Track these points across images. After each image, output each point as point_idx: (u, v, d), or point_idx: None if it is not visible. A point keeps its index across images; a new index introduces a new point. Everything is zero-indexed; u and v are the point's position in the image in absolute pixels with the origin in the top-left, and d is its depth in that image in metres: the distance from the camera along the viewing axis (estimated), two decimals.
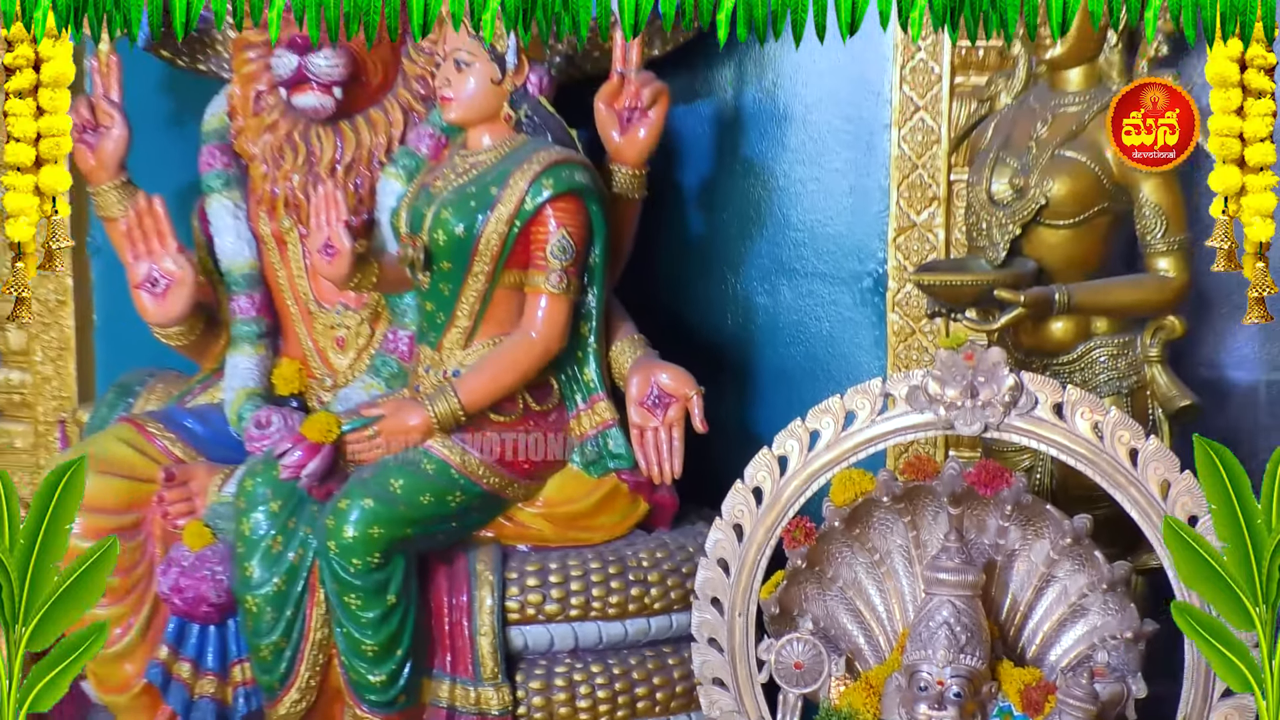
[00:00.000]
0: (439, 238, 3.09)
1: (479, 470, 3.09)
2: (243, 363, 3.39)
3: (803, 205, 3.72)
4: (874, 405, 2.81)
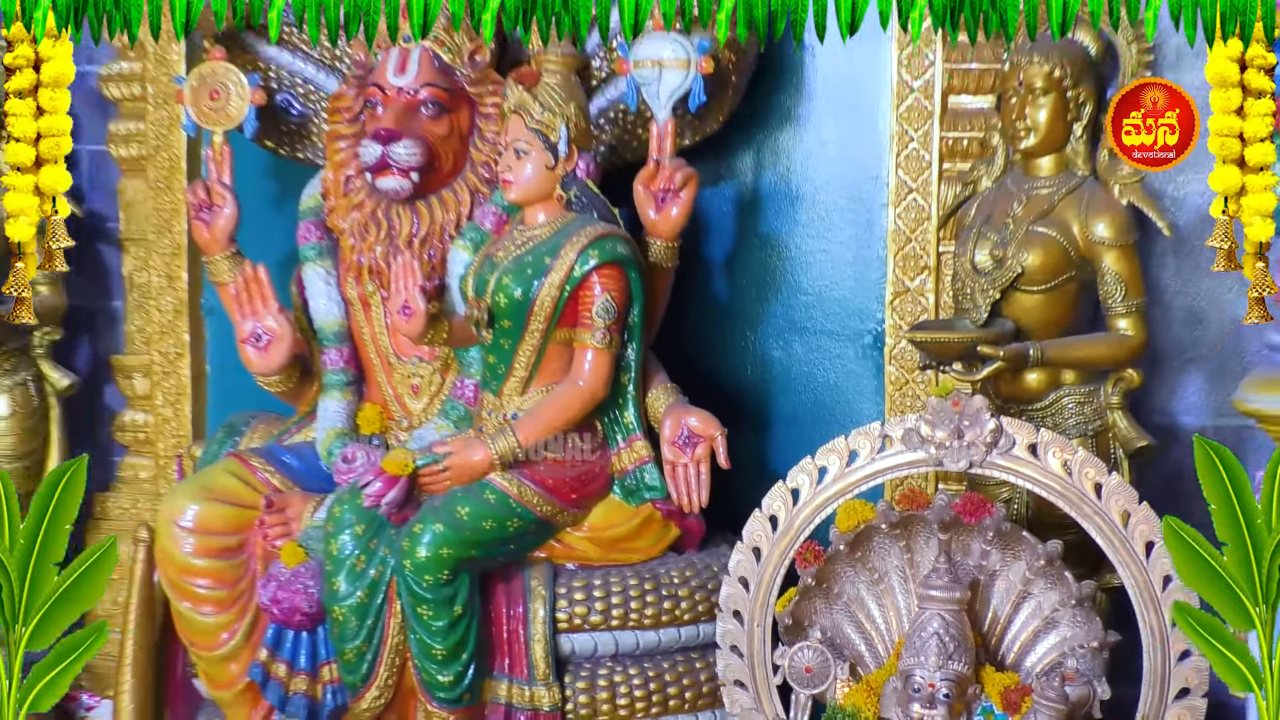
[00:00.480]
0: (500, 300, 3.10)
1: (534, 500, 3.08)
2: (332, 406, 3.39)
3: (812, 273, 3.72)
4: (874, 445, 2.81)
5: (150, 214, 4.00)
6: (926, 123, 3.49)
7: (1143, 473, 3.16)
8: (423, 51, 3.28)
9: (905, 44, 3.49)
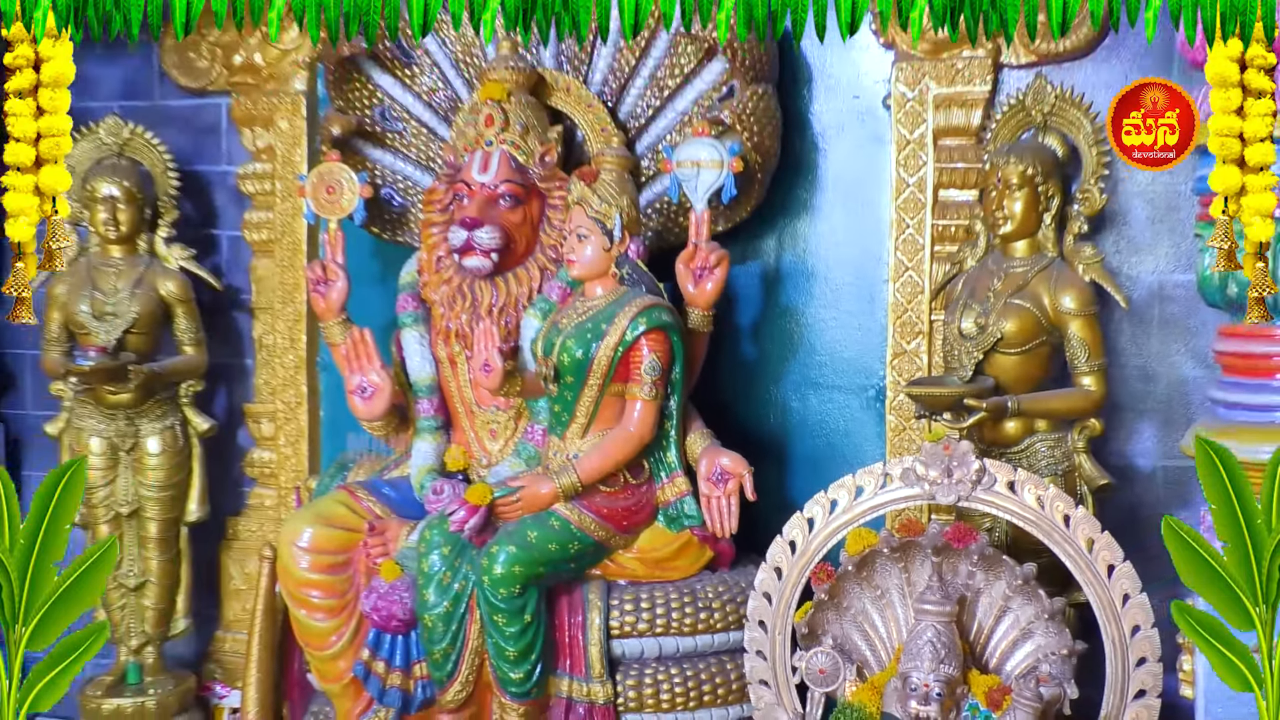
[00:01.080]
0: (564, 360, 3.11)
1: (591, 526, 3.08)
2: (424, 447, 3.39)
3: (824, 337, 3.71)
4: (877, 482, 2.80)
5: (276, 287, 4.05)
6: (920, 212, 3.49)
7: (1104, 506, 3.13)
8: (501, 154, 3.31)
9: (904, 146, 3.50)
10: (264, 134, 4.03)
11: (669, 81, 3.55)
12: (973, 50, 3.42)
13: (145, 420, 3.91)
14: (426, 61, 3.68)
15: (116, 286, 3.86)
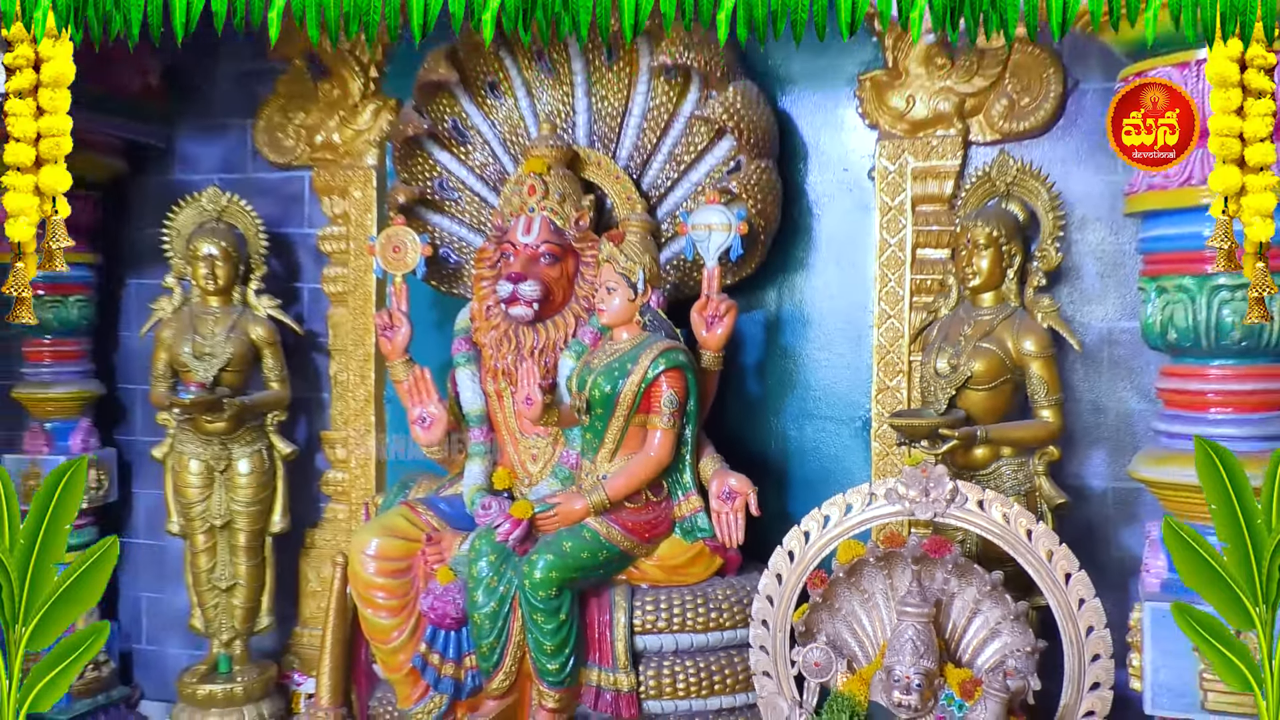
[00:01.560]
0: (595, 394, 3.12)
1: (618, 538, 3.08)
2: (475, 469, 3.40)
3: (818, 375, 3.71)
4: (864, 500, 2.80)
5: (349, 332, 4.07)
6: (900, 268, 3.50)
7: (1062, 522, 3.11)
8: (542, 219, 3.33)
9: (886, 212, 3.51)
10: (340, 202, 4.07)
11: (685, 157, 3.58)
12: (946, 130, 3.45)
13: (237, 445, 3.93)
14: (478, 140, 3.73)
15: (214, 331, 3.90)
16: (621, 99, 3.61)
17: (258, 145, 4.19)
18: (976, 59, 3.41)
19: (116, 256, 4.40)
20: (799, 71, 3.69)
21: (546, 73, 3.64)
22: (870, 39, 3.57)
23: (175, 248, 4.03)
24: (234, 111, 4.28)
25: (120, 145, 4.19)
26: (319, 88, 4.07)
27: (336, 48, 3.97)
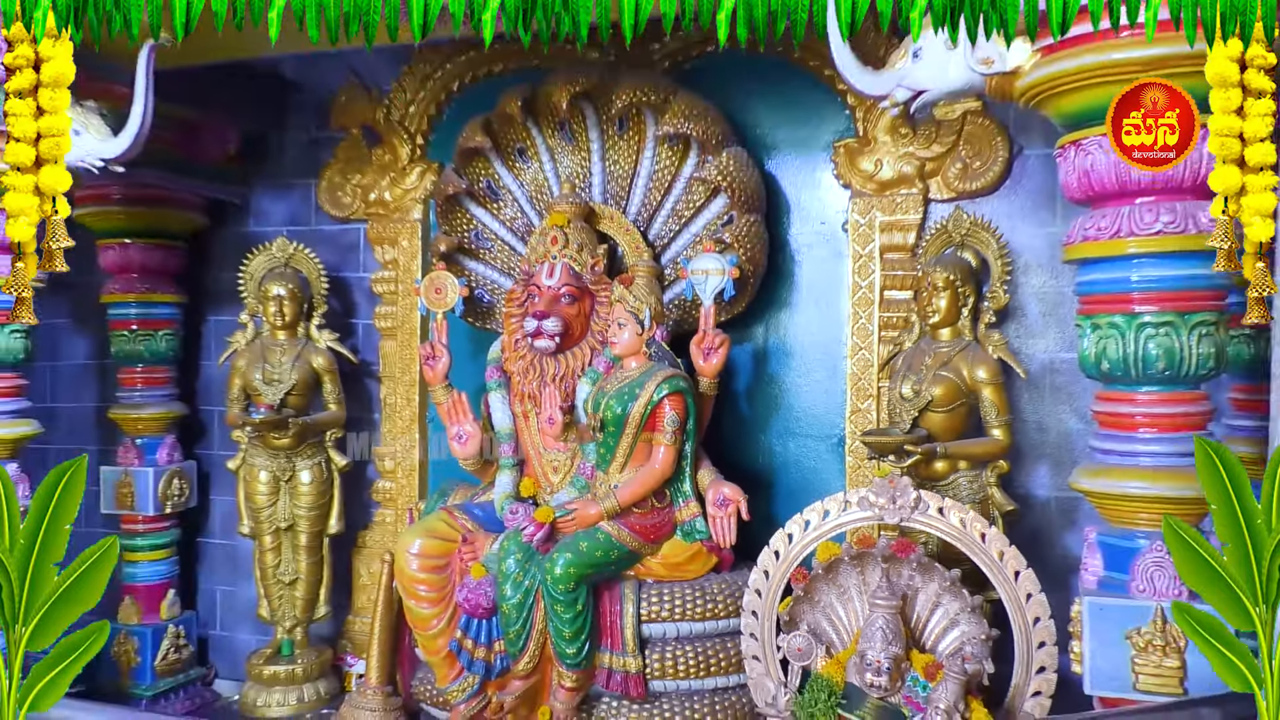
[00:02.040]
0: (608, 415, 3.12)
1: (627, 539, 3.07)
2: (504, 479, 3.39)
3: (799, 399, 3.70)
4: (840, 507, 2.77)
5: (397, 361, 4.07)
6: (870, 307, 3.50)
7: (1011, 527, 3.09)
8: (563, 264, 3.34)
9: (858, 259, 3.52)
10: (390, 250, 4.09)
11: (685, 212, 3.59)
12: (909, 189, 3.46)
13: (300, 458, 3.93)
14: (509, 198, 3.75)
15: (281, 360, 3.91)
16: (631, 163, 3.63)
17: (320, 202, 4.22)
18: (935, 128, 3.43)
19: (199, 297, 4.42)
20: (783, 139, 3.71)
21: (567, 140, 3.66)
22: (843, 110, 3.60)
23: (249, 289, 4.05)
24: (300, 173, 4.31)
25: (203, 203, 4.24)
26: (373, 153, 4.10)
27: (389, 119, 4.01)
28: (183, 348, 4.33)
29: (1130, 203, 2.40)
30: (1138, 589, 2.41)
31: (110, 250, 4.12)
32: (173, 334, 4.24)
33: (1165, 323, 2.41)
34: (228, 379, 3.98)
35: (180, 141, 4.00)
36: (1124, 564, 2.45)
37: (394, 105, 4.02)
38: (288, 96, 4.28)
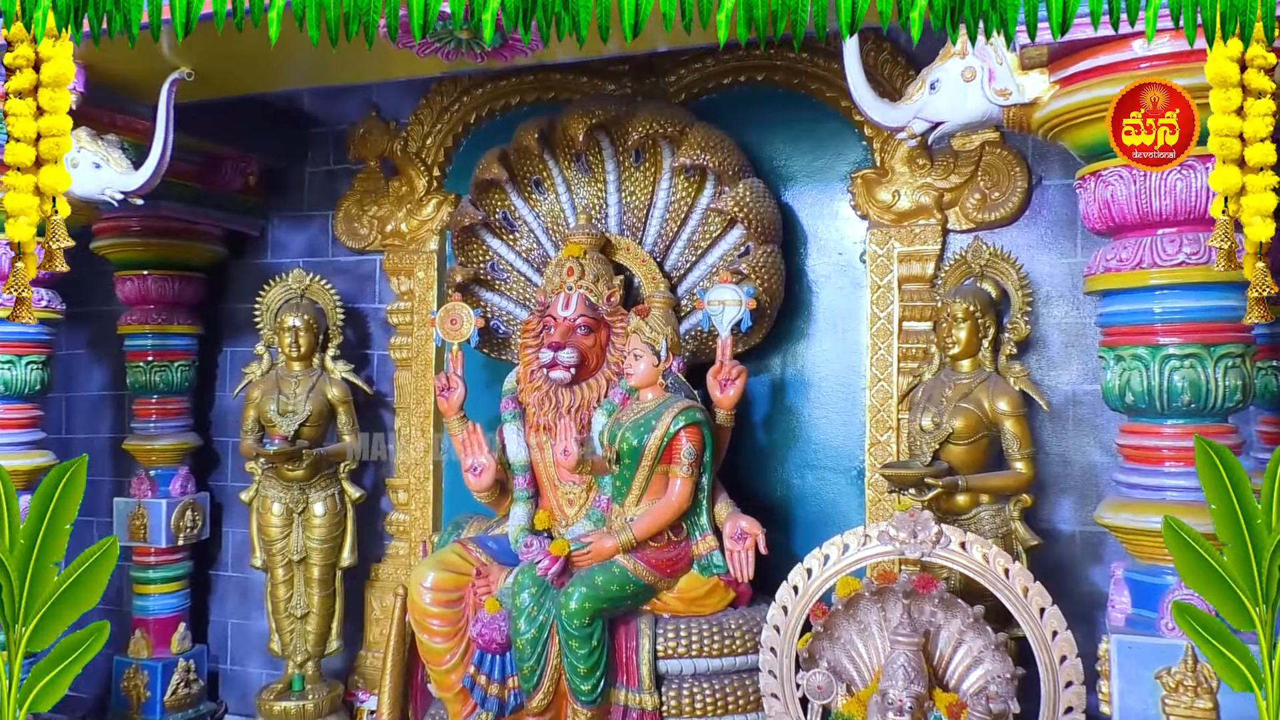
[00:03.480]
0: (624, 447, 3.11)
1: (643, 573, 3.05)
2: (519, 512, 3.38)
3: (818, 431, 3.68)
4: (860, 541, 2.76)
5: (412, 392, 4.08)
6: (889, 338, 3.50)
7: (1035, 562, 3.06)
8: (579, 295, 3.35)
9: (876, 290, 3.52)
10: (406, 281, 4.12)
11: (701, 243, 3.61)
12: (927, 220, 3.47)
13: (313, 490, 3.94)
14: (525, 229, 3.78)
15: (296, 391, 3.94)
16: (647, 194, 3.66)
17: (337, 234, 4.26)
18: (953, 159, 3.44)
19: (215, 328, 4.47)
20: (799, 170, 3.73)
21: (583, 172, 3.69)
22: (860, 141, 3.61)
23: (265, 320, 4.09)
24: (318, 205, 4.37)
25: (221, 234, 4.30)
26: (390, 185, 4.15)
27: (406, 150, 4.06)
28: (198, 378, 4.36)
29: (1152, 233, 2.39)
30: (1167, 627, 2.37)
31: (128, 282, 4.17)
32: (188, 365, 4.28)
33: (1190, 355, 2.39)
34: (242, 410, 4.00)
35: (200, 174, 4.07)
36: (1153, 601, 2.41)
37: (411, 137, 4.08)
38: (306, 129, 4.35)
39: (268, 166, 4.32)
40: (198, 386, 4.38)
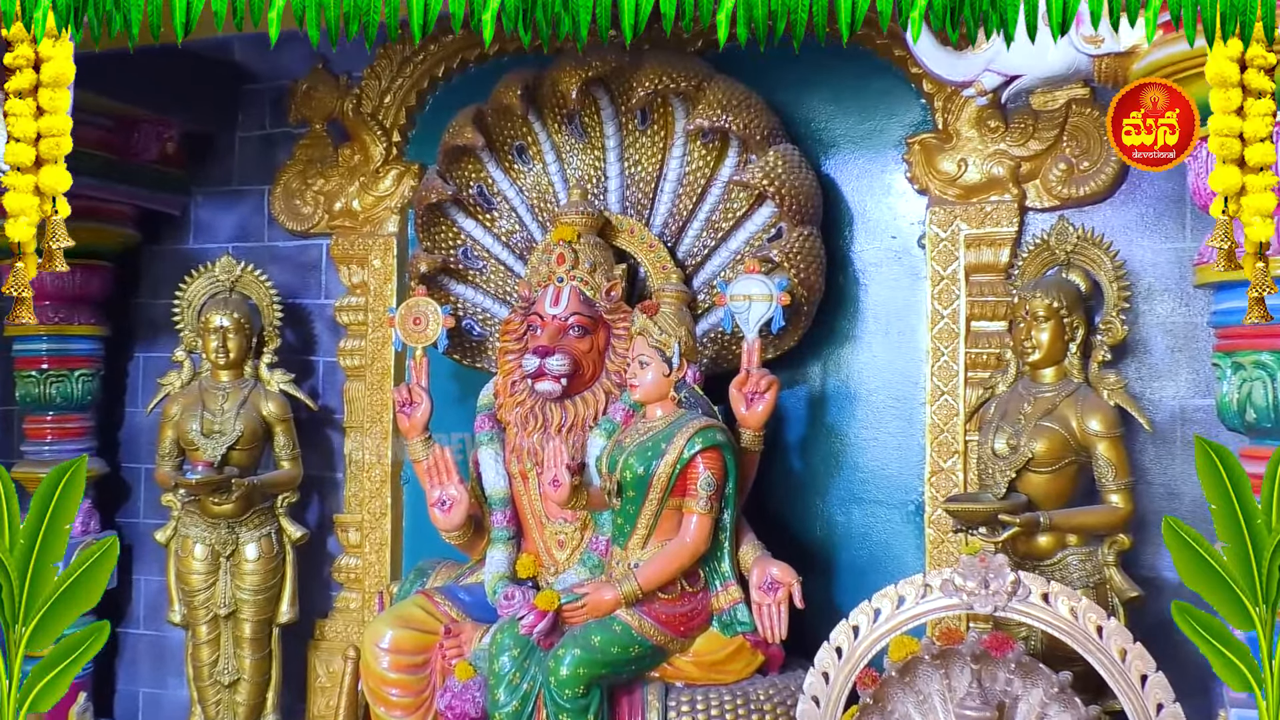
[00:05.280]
0: (627, 476, 3.10)
1: (651, 631, 3.04)
2: (497, 555, 3.38)
3: (866, 455, 3.68)
4: (917, 592, 2.75)
5: (366, 408, 4.09)
6: (954, 341, 3.50)
7: (1135, 617, 3.05)
8: (572, 289, 3.36)
9: (938, 281, 3.52)
10: (359, 271, 4.14)
11: (723, 224, 3.61)
12: (1000, 196, 3.47)
13: (245, 529, 3.95)
14: (505, 207, 3.79)
15: (224, 407, 3.95)
16: (656, 163, 3.66)
17: (274, 212, 4.28)
18: (1032, 121, 3.44)
19: (125, 329, 4.48)
20: (843, 134, 3.73)
21: (577, 136, 3.71)
22: (918, 99, 3.62)
23: (186, 319, 4.10)
24: (251, 178, 4.38)
25: (134, 214, 4.30)
26: (339, 152, 4.17)
27: (359, 111, 4.07)
28: (104, 391, 4.37)
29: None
30: None
31: None
32: (92, 374, 4.29)
33: None
34: (158, 430, 4.01)
35: (107, 141, 4.08)
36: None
37: (366, 95, 4.09)
38: (238, 85, 4.36)
39: (190, 131, 4.34)
40: (103, 401, 4.39)
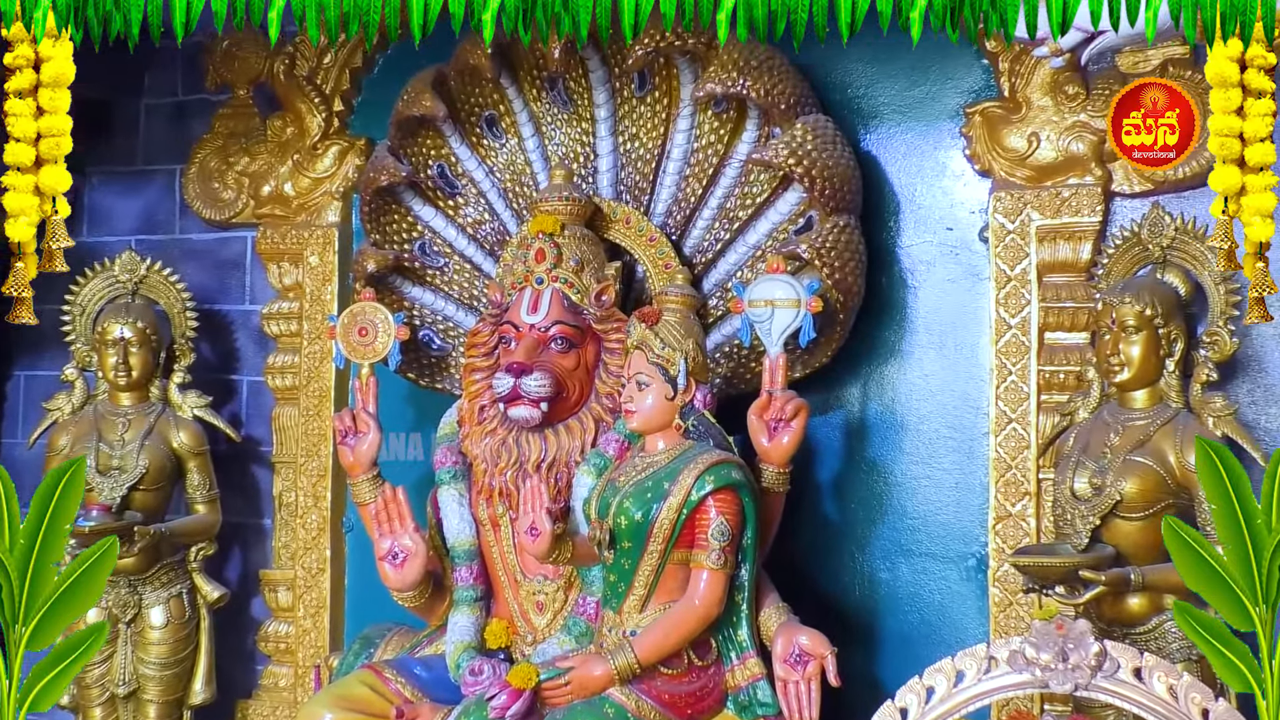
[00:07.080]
0: (621, 522, 3.10)
1: (651, 715, 3.03)
2: (462, 621, 3.37)
3: (917, 498, 3.69)
4: (980, 666, 2.75)
5: (300, 439, 4.10)
6: (1024, 357, 3.50)
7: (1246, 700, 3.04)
8: (553, 292, 3.36)
9: (1004, 283, 3.53)
10: (292, 270, 4.14)
11: (739, 212, 3.62)
12: (1081, 178, 3.47)
13: (149, 588, 3.94)
14: (472, 192, 3.80)
15: (124, 438, 3.94)
16: (657, 138, 3.68)
17: (188, 198, 4.28)
18: (1119, 87, 3.44)
19: (2, 341, 4.47)
20: (887, 103, 3.75)
21: (561, 105, 3.72)
22: (979, 60, 3.63)
23: (78, 330, 4.10)
24: (158, 156, 4.39)
25: None
26: (268, 125, 4.18)
27: (292, 74, 4.07)
28: None
29: None
30: None
31: None
32: None
33: None
34: (44, 464, 4.00)
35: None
36: None
37: (301, 54, 4.10)
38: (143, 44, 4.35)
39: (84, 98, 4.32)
40: None
